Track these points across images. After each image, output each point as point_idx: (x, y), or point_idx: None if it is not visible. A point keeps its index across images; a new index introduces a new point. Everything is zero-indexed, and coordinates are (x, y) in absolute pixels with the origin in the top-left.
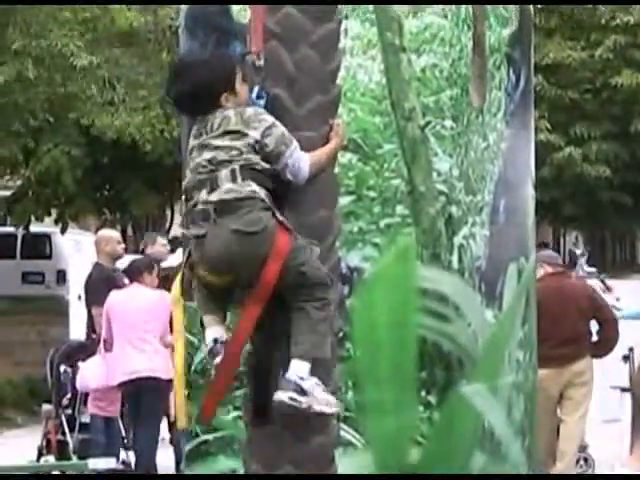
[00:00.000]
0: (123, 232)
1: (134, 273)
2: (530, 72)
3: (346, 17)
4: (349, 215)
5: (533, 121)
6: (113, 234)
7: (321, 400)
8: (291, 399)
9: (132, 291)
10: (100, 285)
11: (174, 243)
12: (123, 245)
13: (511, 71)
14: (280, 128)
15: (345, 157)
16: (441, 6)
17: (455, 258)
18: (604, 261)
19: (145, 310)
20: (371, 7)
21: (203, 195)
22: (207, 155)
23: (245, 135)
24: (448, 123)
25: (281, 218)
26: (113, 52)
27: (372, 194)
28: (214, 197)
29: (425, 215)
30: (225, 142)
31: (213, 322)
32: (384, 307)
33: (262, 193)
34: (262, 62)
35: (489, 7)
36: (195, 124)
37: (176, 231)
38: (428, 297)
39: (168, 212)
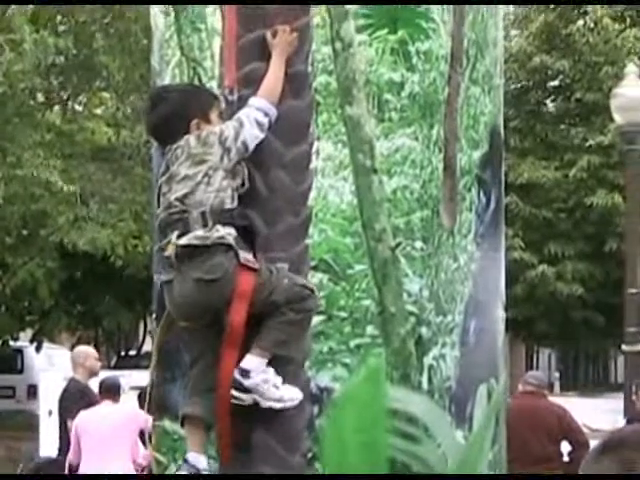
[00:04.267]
0: (95, 347)
1: (107, 391)
2: (501, 193)
3: (318, 138)
4: (319, 335)
5: (504, 242)
6: (91, 351)
7: (269, 397)
8: (232, 397)
9: (104, 409)
10: (76, 400)
11: (147, 359)
12: (100, 363)
13: (481, 193)
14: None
15: (316, 277)
16: (412, 128)
17: (425, 379)
18: (576, 380)
19: (117, 427)
20: (343, 129)
21: (174, 237)
22: (178, 191)
23: (209, 154)
24: (418, 244)
25: (244, 258)
26: (88, 168)
27: (342, 314)
28: (183, 241)
29: (395, 336)
30: (191, 170)
31: (195, 444)
32: (354, 428)
33: (230, 237)
34: (235, 97)
35: (461, 130)
36: (163, 161)
37: (149, 346)
38: (398, 418)
39: (141, 327)
